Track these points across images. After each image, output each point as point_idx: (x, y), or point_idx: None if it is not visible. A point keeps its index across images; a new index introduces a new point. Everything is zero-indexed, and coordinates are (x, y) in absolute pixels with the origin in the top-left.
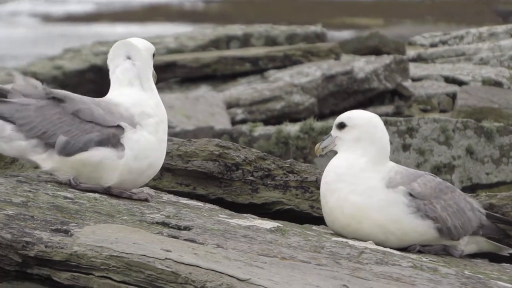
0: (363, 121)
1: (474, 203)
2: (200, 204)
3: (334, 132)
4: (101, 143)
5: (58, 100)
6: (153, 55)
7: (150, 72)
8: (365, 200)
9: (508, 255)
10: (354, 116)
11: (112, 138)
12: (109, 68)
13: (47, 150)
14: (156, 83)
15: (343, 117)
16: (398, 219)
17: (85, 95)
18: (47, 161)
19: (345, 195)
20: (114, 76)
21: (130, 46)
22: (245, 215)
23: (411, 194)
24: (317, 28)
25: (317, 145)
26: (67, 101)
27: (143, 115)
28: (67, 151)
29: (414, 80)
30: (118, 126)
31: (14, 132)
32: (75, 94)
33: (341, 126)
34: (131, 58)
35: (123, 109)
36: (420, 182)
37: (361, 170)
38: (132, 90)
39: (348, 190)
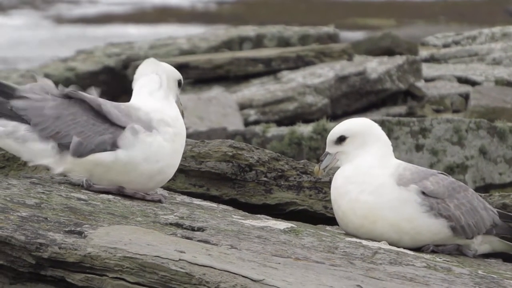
0: (362, 127)
1: (486, 203)
2: (214, 205)
3: (332, 148)
4: (113, 144)
5: (75, 100)
6: (179, 83)
7: (173, 93)
8: (377, 199)
9: None
10: (351, 126)
11: (124, 140)
12: (135, 83)
13: (60, 151)
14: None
15: (339, 131)
16: (411, 218)
17: (99, 97)
18: (59, 162)
19: (356, 196)
20: (137, 85)
21: (158, 65)
22: (258, 216)
23: (423, 193)
24: (329, 29)
25: (316, 167)
26: (84, 102)
27: (161, 122)
28: (80, 152)
29: (427, 80)
30: (132, 128)
31: (28, 132)
32: (93, 96)
33: (341, 139)
34: (158, 74)
35: (143, 114)
36: (433, 181)
37: (369, 168)
38: (154, 99)
39: (358, 190)
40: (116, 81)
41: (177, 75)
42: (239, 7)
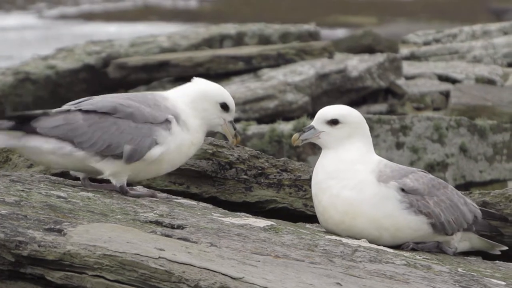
0: (356, 118)
1: (467, 198)
2: (194, 202)
3: (320, 126)
4: (158, 141)
5: (105, 112)
6: (223, 105)
7: (207, 113)
8: (358, 194)
9: (499, 253)
10: (348, 113)
11: (164, 133)
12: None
13: (105, 157)
14: (149, 82)
15: (334, 113)
16: (391, 215)
17: (78, 95)
18: (107, 167)
19: (337, 191)
20: (179, 87)
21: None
22: (238, 213)
23: (403, 190)
24: (310, 26)
25: (295, 135)
26: (116, 111)
27: (186, 122)
28: (135, 158)
29: (407, 78)
30: (166, 120)
31: (74, 148)
32: (115, 100)
33: (334, 122)
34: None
35: (170, 105)
36: (412, 178)
37: (350, 164)
38: (182, 105)
39: (339, 186)
40: (97, 79)
41: (219, 97)
42: (219, 4)
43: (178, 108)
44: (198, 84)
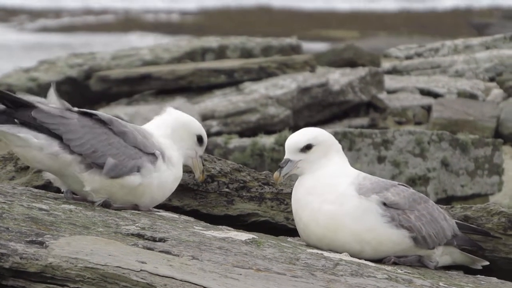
0: (328, 137)
1: (446, 214)
2: (175, 215)
3: (295, 156)
4: (140, 169)
5: (95, 119)
6: (199, 138)
7: (183, 143)
8: (339, 208)
9: (481, 268)
10: (318, 134)
11: (149, 165)
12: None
13: (89, 169)
14: (131, 95)
15: (305, 139)
16: (373, 228)
17: None
18: (88, 181)
19: (318, 206)
20: (154, 120)
21: (173, 115)
22: (220, 226)
23: (384, 204)
24: (292, 40)
25: (276, 174)
26: (112, 123)
27: (170, 159)
28: (114, 173)
29: (389, 92)
30: (153, 154)
31: (61, 149)
32: (108, 116)
33: (307, 148)
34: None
35: (156, 141)
36: (394, 192)
37: (329, 178)
38: (163, 133)
39: (319, 200)
40: (78, 91)
41: (197, 129)
42: (202, 18)
43: (162, 144)
44: (176, 115)
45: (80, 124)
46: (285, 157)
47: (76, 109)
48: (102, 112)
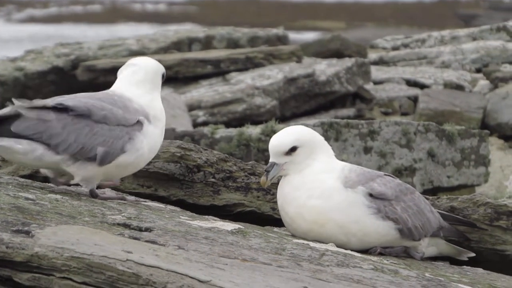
0: (311, 135)
1: (431, 206)
2: (162, 205)
3: (280, 159)
4: (130, 143)
5: (73, 112)
6: (163, 76)
7: (156, 86)
8: (325, 202)
9: (467, 259)
10: (302, 135)
11: (136, 136)
12: (119, 74)
13: (77, 161)
14: None
15: (291, 141)
16: (359, 220)
17: (47, 97)
18: (79, 171)
19: (304, 201)
20: (121, 76)
21: (138, 61)
22: (206, 216)
23: (371, 195)
24: (279, 30)
25: (263, 179)
26: (91, 113)
27: (155, 117)
28: (107, 160)
29: (375, 83)
30: (138, 122)
31: (46, 151)
32: (88, 100)
33: (293, 150)
34: (142, 68)
35: (137, 105)
36: (380, 182)
37: (315, 174)
38: (140, 91)
39: (306, 196)
40: (65, 81)
41: (162, 68)
42: (189, 8)
43: (144, 104)
44: (145, 64)
45: (60, 124)
46: (270, 160)
47: (49, 103)
48: (72, 97)
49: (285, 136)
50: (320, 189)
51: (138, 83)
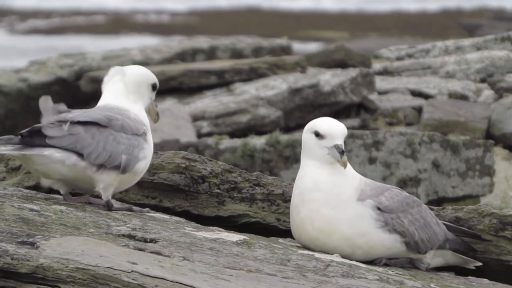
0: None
1: (437, 219)
2: (166, 216)
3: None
4: (142, 151)
5: (102, 125)
6: (154, 87)
7: (144, 98)
8: (337, 213)
9: (474, 268)
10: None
11: (145, 145)
12: (103, 87)
13: (100, 168)
14: None
15: (344, 129)
16: (365, 233)
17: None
18: (103, 179)
19: (318, 207)
20: (107, 87)
21: (124, 71)
22: (211, 227)
23: (378, 208)
24: (283, 41)
25: (344, 158)
26: (111, 124)
27: (147, 125)
28: (129, 168)
29: (380, 93)
30: (145, 133)
31: (78, 158)
32: (101, 112)
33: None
34: (123, 81)
35: (133, 115)
36: (388, 196)
37: (337, 176)
38: (130, 101)
39: (322, 201)
40: (69, 92)
41: (151, 78)
42: (192, 18)
43: (140, 115)
44: (132, 72)
45: (89, 135)
46: (339, 143)
47: (71, 116)
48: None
49: (338, 122)
50: (337, 200)
51: (128, 94)
